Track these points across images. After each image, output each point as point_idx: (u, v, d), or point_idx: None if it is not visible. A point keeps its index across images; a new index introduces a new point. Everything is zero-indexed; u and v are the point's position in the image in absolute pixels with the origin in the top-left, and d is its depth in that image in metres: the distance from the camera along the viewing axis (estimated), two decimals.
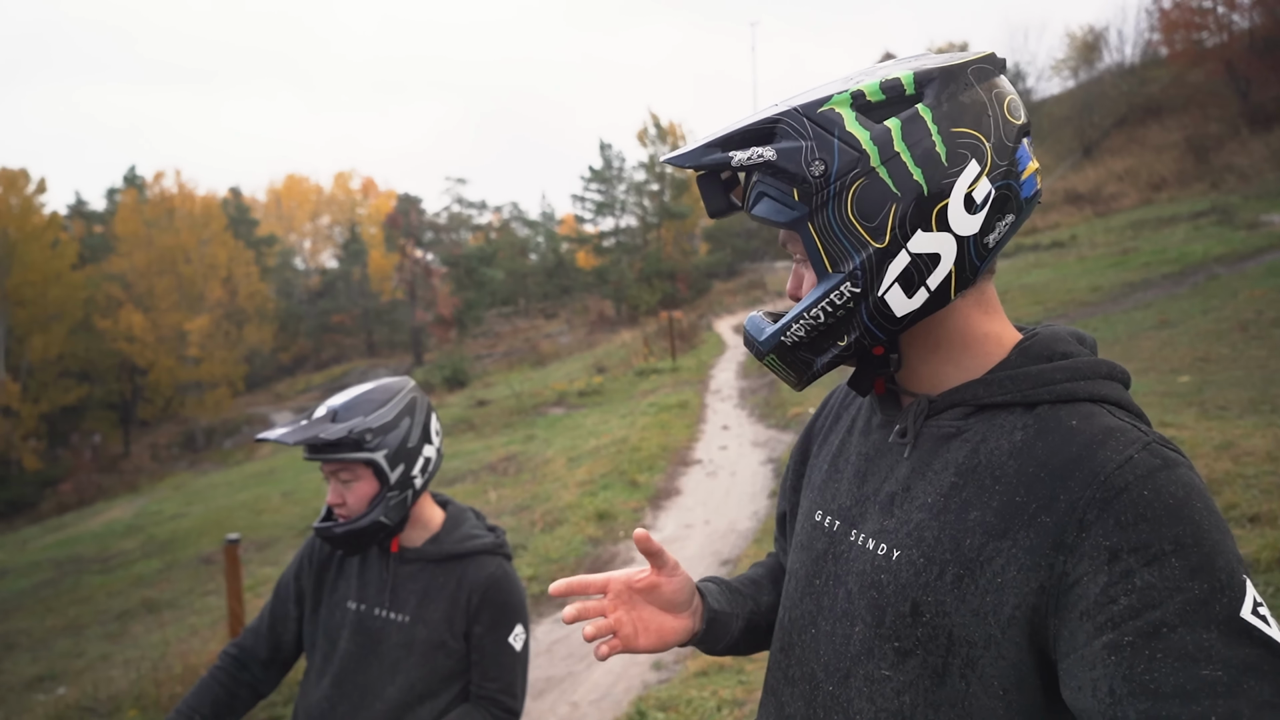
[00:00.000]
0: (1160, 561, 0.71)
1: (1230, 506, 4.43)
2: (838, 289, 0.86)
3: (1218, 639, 0.68)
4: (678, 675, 4.24)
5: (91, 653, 7.45)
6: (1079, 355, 0.90)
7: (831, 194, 0.84)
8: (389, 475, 1.69)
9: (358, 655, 1.72)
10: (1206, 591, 0.69)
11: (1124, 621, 0.70)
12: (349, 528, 1.69)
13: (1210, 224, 17.67)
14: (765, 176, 0.88)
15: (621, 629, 1.03)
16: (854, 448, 1.02)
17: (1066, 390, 0.85)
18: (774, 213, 0.88)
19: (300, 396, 40.35)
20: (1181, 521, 0.72)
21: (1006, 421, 0.86)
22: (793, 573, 1.04)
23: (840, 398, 1.16)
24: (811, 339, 0.89)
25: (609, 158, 40.74)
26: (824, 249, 0.86)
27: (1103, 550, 0.73)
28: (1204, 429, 5.96)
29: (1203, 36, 28.35)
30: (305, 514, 11.23)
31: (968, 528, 0.82)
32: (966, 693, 0.80)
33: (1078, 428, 0.81)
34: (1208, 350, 9.16)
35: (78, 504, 24.39)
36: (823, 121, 0.85)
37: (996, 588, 0.79)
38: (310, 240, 58.75)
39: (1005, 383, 0.88)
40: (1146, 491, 0.74)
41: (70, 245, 36.00)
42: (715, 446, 9.67)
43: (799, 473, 1.17)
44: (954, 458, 0.87)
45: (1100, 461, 0.77)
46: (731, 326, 24.01)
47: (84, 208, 48.06)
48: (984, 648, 0.79)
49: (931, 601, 0.83)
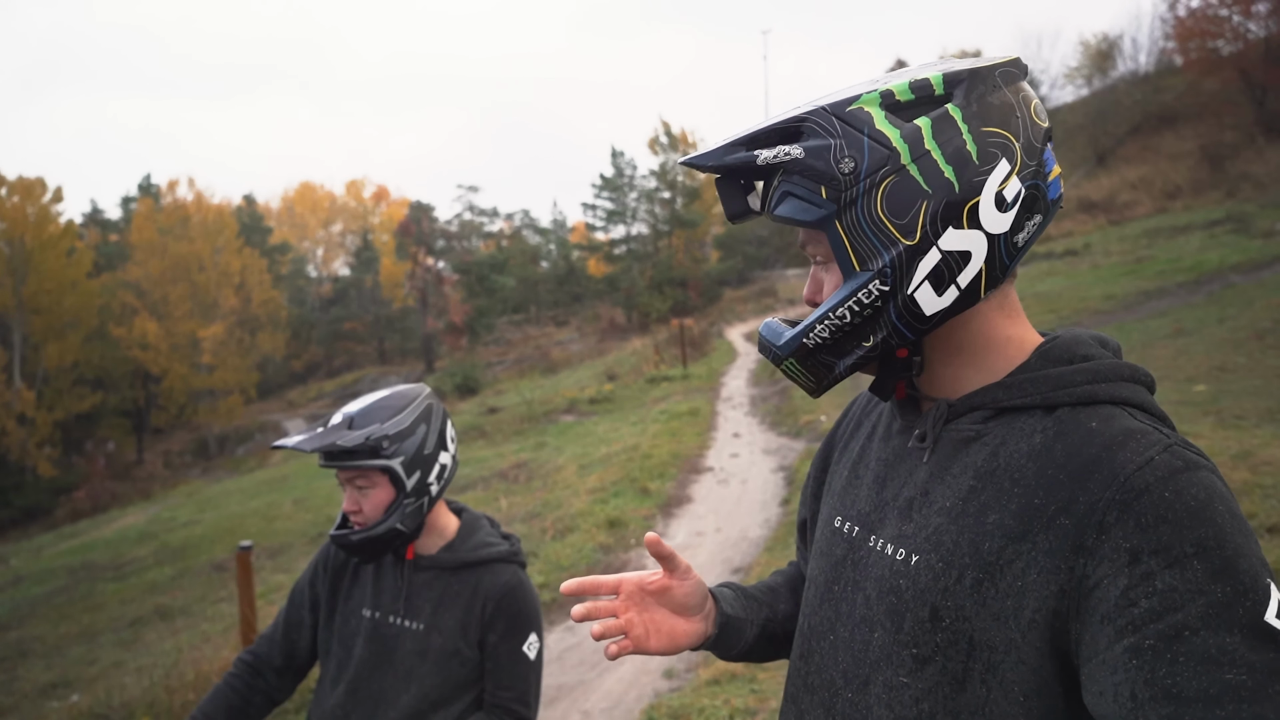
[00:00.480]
0: (1182, 564, 0.70)
1: (1249, 516, 4.37)
2: (865, 287, 0.85)
3: (1241, 643, 0.67)
4: (689, 684, 4.22)
5: (105, 659, 7.47)
6: (1100, 358, 0.90)
7: (861, 191, 0.84)
8: (405, 482, 1.68)
9: (372, 663, 1.72)
10: (1230, 595, 0.68)
11: (1145, 625, 0.70)
12: (365, 535, 1.68)
13: (1225, 232, 17.53)
14: (792, 175, 0.87)
15: (632, 629, 1.02)
16: (874, 454, 1.02)
17: (1087, 393, 0.85)
18: (800, 212, 0.87)
19: (312, 404, 40.52)
20: (1203, 524, 0.71)
21: (1026, 424, 0.86)
22: (812, 579, 1.03)
23: (862, 405, 1.16)
24: (835, 341, 0.88)
25: (620, 165, 40.81)
26: (852, 247, 0.86)
27: (1123, 552, 0.72)
28: (1221, 438, 5.90)
29: (1218, 45, 28.16)
30: (317, 521, 11.26)
31: (986, 531, 0.82)
32: (987, 699, 0.79)
33: (1097, 430, 0.81)
34: (1224, 359, 9.08)
35: (91, 511, 24.52)
36: (852, 120, 0.85)
37: (1017, 591, 0.78)
38: (323, 248, 59.09)
39: (1025, 385, 0.87)
40: (1168, 493, 0.73)
41: (86, 253, 36.33)
42: (726, 454, 9.64)
43: (820, 480, 1.16)
44: (973, 461, 0.87)
45: (1120, 463, 0.76)
46: (743, 334, 23.97)
47: (99, 216, 48.52)
48: (1005, 652, 0.78)
49: (951, 606, 0.82)
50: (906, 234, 0.84)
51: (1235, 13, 27.42)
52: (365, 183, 59.86)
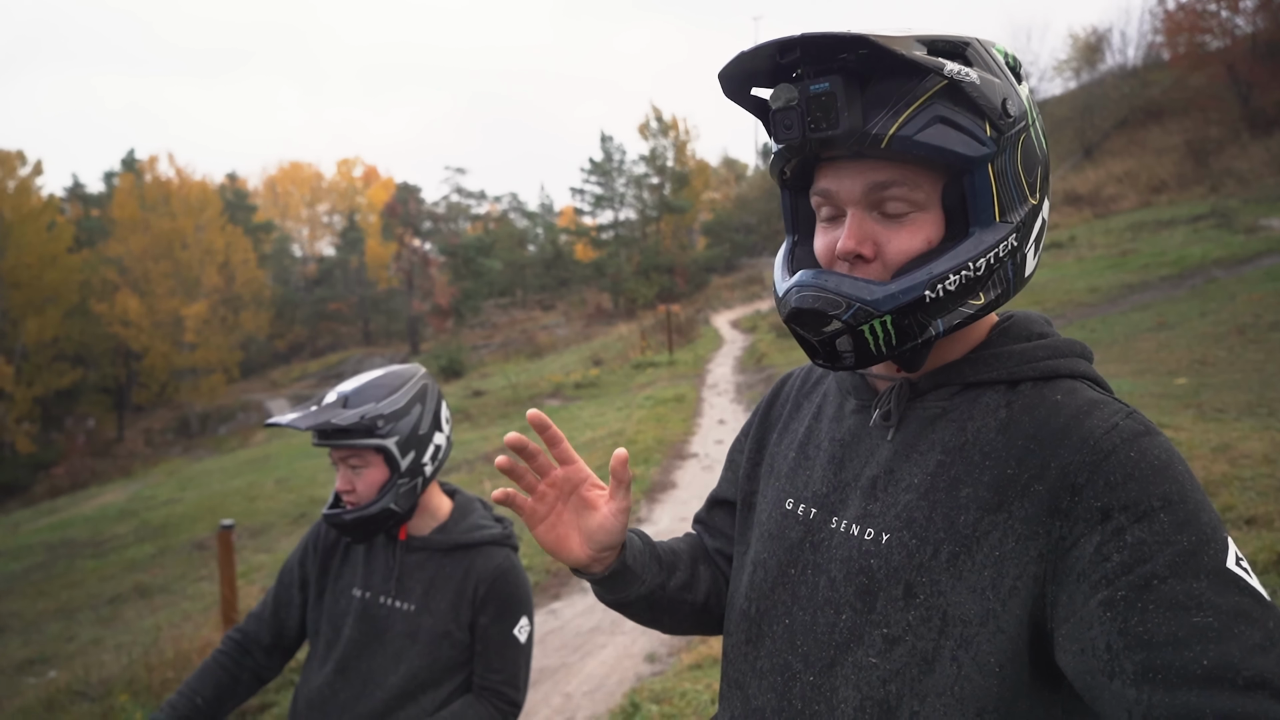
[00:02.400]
0: (1149, 517, 0.73)
1: (1227, 508, 4.43)
2: (1006, 240, 0.84)
3: (1208, 588, 0.69)
4: (671, 668, 4.24)
5: (83, 636, 7.43)
6: (1053, 335, 0.93)
7: (1013, 137, 0.83)
8: (400, 462, 1.67)
9: (361, 643, 1.71)
10: (1195, 543, 0.71)
11: (1117, 577, 0.72)
12: (359, 514, 1.67)
13: (1209, 227, 17.68)
14: (957, 100, 0.80)
15: (538, 507, 0.98)
16: (824, 434, 1.00)
17: (1049, 367, 0.87)
18: (959, 144, 0.80)
19: (296, 384, 40.30)
20: (1167, 480, 0.75)
21: (990, 400, 0.87)
22: (760, 563, 1.00)
23: (797, 386, 1.13)
24: (953, 295, 0.82)
25: (609, 150, 40.64)
26: (998, 194, 0.83)
27: (1095, 511, 0.75)
28: (1201, 431, 5.97)
29: (1205, 40, 28.30)
30: (299, 501, 11.22)
31: (960, 505, 0.82)
32: (958, 675, 0.79)
33: (1063, 401, 0.83)
34: (1205, 353, 9.18)
35: (70, 488, 24.37)
36: (1000, 64, 0.85)
37: (995, 561, 0.79)
38: (308, 228, 58.59)
39: (990, 361, 0.89)
40: (1133, 453, 0.76)
41: (66, 228, 35.83)
42: (711, 440, 9.67)
43: (755, 461, 1.11)
44: (940, 438, 0.87)
45: (1088, 429, 0.79)
46: (729, 321, 23.99)
47: (81, 190, 47.88)
48: (980, 624, 0.79)
49: (926, 582, 0.82)
50: (1033, 192, 0.86)
51: (1223, 8, 27.55)
52: (356, 162, 59.31)
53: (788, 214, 0.97)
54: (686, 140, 39.98)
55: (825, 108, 0.79)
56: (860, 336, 0.83)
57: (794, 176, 0.93)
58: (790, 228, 0.97)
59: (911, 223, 0.84)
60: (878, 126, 0.79)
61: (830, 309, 0.82)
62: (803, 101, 0.80)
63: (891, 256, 0.84)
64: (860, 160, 0.84)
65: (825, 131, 0.80)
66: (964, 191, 0.83)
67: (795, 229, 0.97)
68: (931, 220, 0.84)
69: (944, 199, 0.83)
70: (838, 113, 0.79)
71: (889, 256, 0.84)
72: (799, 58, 0.81)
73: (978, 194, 0.82)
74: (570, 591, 5.58)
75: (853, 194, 0.85)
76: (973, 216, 0.82)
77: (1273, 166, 22.32)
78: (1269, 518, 4.20)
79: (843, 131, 0.79)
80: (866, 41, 0.75)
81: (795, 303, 0.84)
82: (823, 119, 0.80)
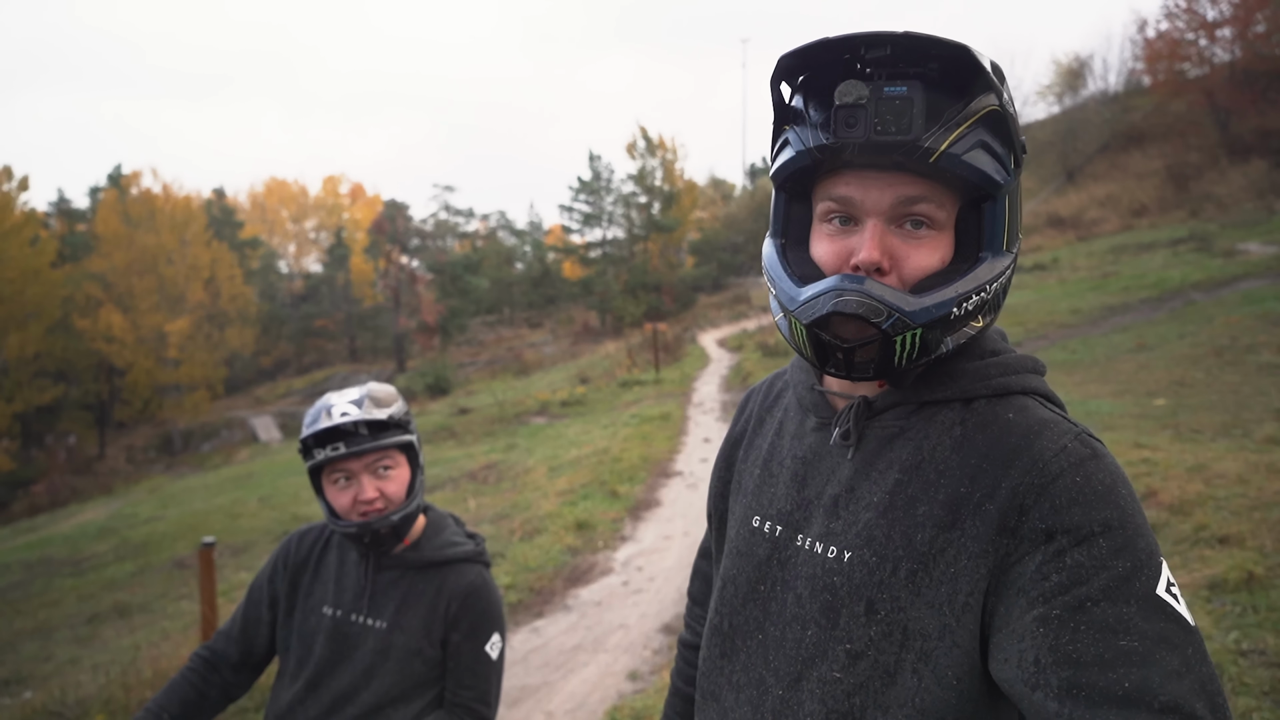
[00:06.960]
0: (1089, 542, 0.75)
1: (1201, 528, 4.48)
2: (1010, 267, 0.87)
3: (1136, 613, 0.72)
4: (653, 685, 4.23)
5: (60, 656, 7.33)
6: (1007, 352, 0.93)
7: (1019, 171, 0.86)
8: (420, 459, 1.70)
9: (332, 660, 1.71)
10: (1129, 569, 0.74)
11: (1054, 596, 0.74)
12: (404, 512, 1.67)
13: (1188, 251, 17.93)
14: (994, 129, 0.81)
15: None
16: (787, 451, 1.01)
17: (1001, 385, 0.89)
18: (995, 170, 0.82)
19: (281, 400, 40.00)
20: (1109, 506, 0.77)
21: (946, 418, 0.88)
22: (731, 579, 1.02)
23: (760, 401, 1.14)
24: (969, 315, 0.85)
25: (598, 169, 40.80)
26: (1009, 224, 0.86)
27: (1039, 532, 0.77)
28: (1177, 451, 6.03)
29: (1185, 67, 28.81)
30: (282, 519, 11.13)
31: (917, 523, 0.84)
32: (919, 688, 0.81)
33: (1014, 420, 0.85)
34: (1183, 374, 9.29)
35: (50, 505, 24.01)
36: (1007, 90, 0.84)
37: (950, 578, 0.81)
38: (294, 244, 58.39)
39: (944, 379, 0.90)
40: (1079, 478, 0.78)
41: (50, 243, 35.54)
42: (696, 459, 9.67)
43: (725, 478, 1.14)
44: (898, 456, 0.89)
45: (1038, 451, 0.81)
46: (715, 340, 24.02)
47: (66, 205, 47.60)
48: (938, 639, 0.81)
49: (887, 599, 0.84)
50: (1020, 227, 0.89)
51: (1202, 37, 28.05)
52: (342, 179, 59.24)
53: (779, 216, 0.94)
54: (674, 159, 40.19)
55: (899, 112, 0.78)
56: (891, 347, 0.82)
57: (793, 181, 0.91)
58: (780, 230, 0.95)
59: (930, 240, 0.84)
60: (930, 140, 0.78)
61: (873, 316, 0.80)
62: (873, 101, 0.78)
63: (909, 272, 0.84)
64: (893, 172, 0.82)
65: (894, 135, 0.78)
66: (980, 217, 0.85)
67: (785, 233, 0.95)
68: (946, 241, 0.85)
69: (956, 222, 0.86)
70: (911, 119, 0.77)
71: (906, 271, 0.84)
72: (882, 56, 0.78)
73: (995, 221, 0.84)
74: (553, 610, 5.57)
75: (879, 205, 0.83)
76: (986, 242, 0.85)
77: (1250, 192, 22.67)
78: (1241, 537, 4.26)
79: (909, 140, 0.78)
80: (966, 52, 0.75)
81: (835, 307, 0.81)
82: (893, 122, 0.78)
